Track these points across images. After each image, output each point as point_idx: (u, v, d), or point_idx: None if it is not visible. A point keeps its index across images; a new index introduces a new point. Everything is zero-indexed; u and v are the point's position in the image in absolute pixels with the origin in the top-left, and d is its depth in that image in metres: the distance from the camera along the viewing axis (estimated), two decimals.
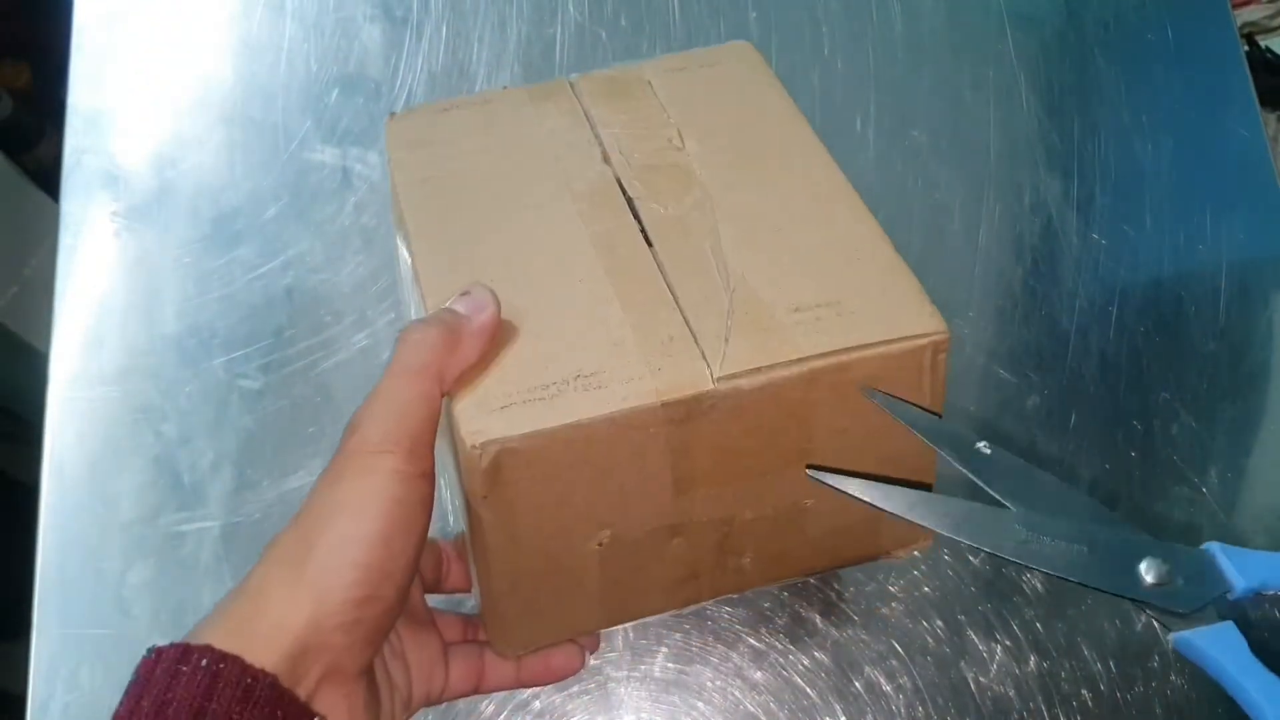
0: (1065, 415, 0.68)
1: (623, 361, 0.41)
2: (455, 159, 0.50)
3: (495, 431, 0.39)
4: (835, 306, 0.43)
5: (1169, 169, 0.76)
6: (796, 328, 0.42)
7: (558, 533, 0.43)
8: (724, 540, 0.46)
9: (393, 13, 0.81)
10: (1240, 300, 0.72)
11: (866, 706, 0.60)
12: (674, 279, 0.44)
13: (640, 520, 0.44)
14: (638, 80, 0.54)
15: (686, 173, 0.49)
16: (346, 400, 0.67)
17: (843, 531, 0.48)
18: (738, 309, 0.43)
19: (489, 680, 0.48)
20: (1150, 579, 0.39)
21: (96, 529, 0.63)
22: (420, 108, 0.54)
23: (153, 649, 0.36)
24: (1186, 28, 0.82)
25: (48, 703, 0.59)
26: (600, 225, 0.47)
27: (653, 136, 0.51)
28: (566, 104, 0.53)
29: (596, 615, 0.48)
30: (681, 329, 0.42)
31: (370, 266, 0.71)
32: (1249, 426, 0.69)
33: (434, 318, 0.42)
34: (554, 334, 0.42)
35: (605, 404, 0.40)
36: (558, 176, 0.49)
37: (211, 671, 0.35)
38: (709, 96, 0.53)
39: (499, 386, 0.40)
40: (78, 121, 0.76)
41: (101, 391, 0.67)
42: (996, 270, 0.73)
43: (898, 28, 0.81)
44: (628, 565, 0.45)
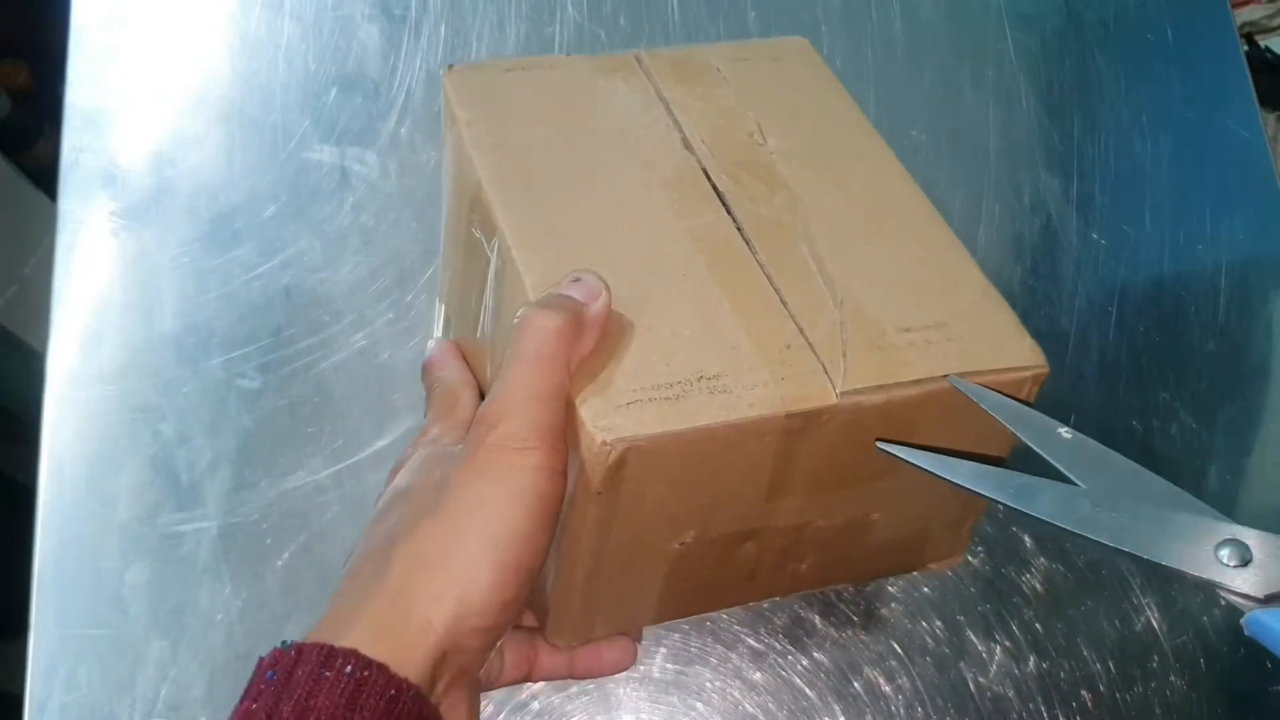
0: (1065, 415, 0.67)
1: (744, 366, 0.40)
2: (528, 124, 0.49)
3: (625, 429, 0.38)
4: (943, 330, 0.43)
5: (1169, 168, 0.76)
6: (910, 349, 0.42)
7: (650, 531, 0.43)
8: (791, 546, 0.46)
9: (391, 11, 0.81)
10: (1240, 300, 0.72)
11: (865, 707, 0.59)
12: (780, 283, 0.44)
13: (726, 523, 0.44)
14: (705, 64, 0.53)
15: (771, 172, 0.48)
16: (345, 400, 0.67)
17: (895, 544, 0.48)
18: (848, 322, 0.43)
19: (541, 669, 0.47)
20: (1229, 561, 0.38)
21: (94, 528, 0.63)
22: (480, 64, 0.52)
23: (290, 645, 0.35)
24: (1186, 27, 0.82)
25: (46, 702, 0.59)
26: (695, 219, 0.46)
27: (733, 128, 0.50)
28: (637, 81, 0.51)
29: (654, 611, 0.48)
30: (797, 338, 0.42)
31: (369, 266, 0.71)
32: (1248, 426, 0.69)
33: (555, 303, 0.40)
34: (667, 331, 0.41)
35: (733, 410, 0.39)
36: (638, 157, 0.48)
37: (357, 679, 0.34)
38: (779, 92, 0.52)
39: (621, 381, 0.39)
40: (76, 121, 0.76)
41: (99, 391, 0.67)
42: (996, 269, 0.73)
43: (897, 27, 0.81)
44: (699, 565, 0.45)
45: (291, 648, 0.35)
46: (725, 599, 0.50)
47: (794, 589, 0.51)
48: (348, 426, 0.66)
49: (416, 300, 0.70)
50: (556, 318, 0.39)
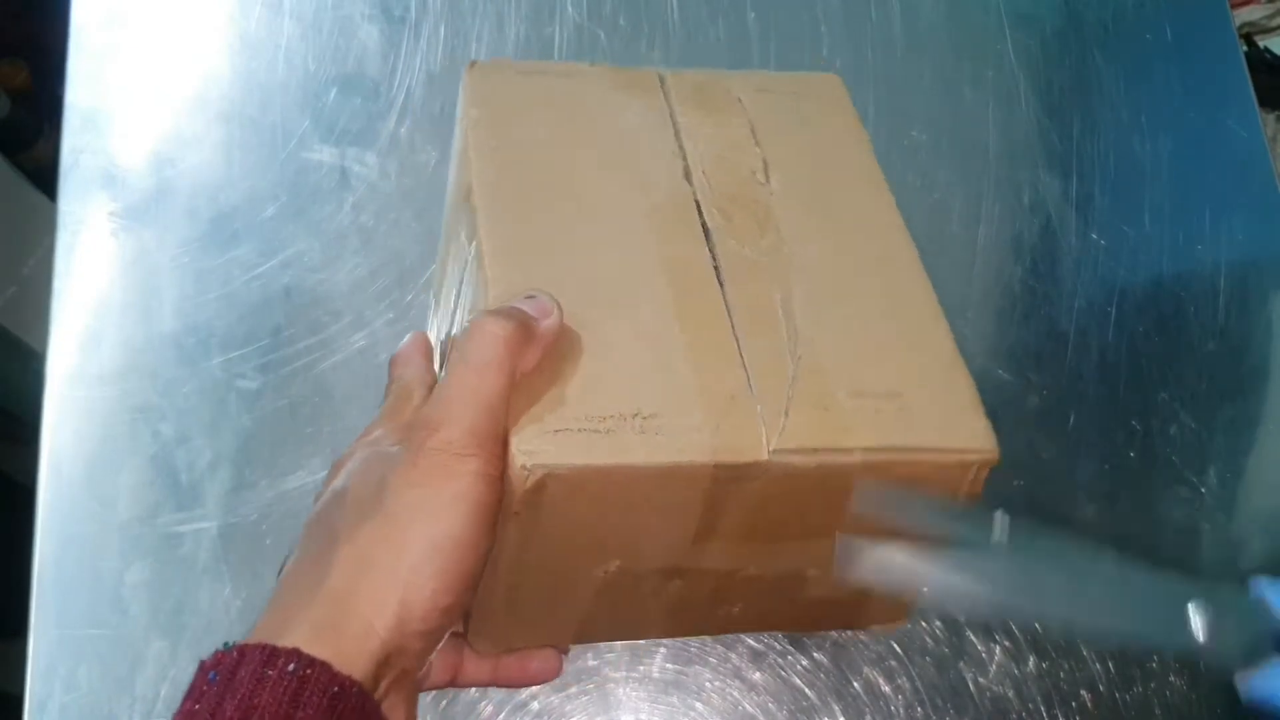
0: (1064, 415, 0.68)
1: (682, 410, 0.40)
2: (533, 132, 0.49)
3: (547, 457, 0.38)
4: (896, 399, 0.42)
5: (1168, 169, 0.76)
6: (856, 414, 0.41)
7: (570, 556, 0.43)
8: (720, 588, 0.46)
9: (391, 12, 0.81)
10: (1239, 300, 0.72)
11: (865, 707, 0.59)
12: (741, 330, 0.43)
13: (652, 558, 0.43)
14: (726, 94, 0.52)
15: (766, 212, 0.48)
16: (345, 400, 0.67)
17: (834, 603, 0.48)
18: (801, 378, 0.42)
19: (465, 674, 0.47)
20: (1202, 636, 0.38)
21: (94, 529, 0.63)
22: (502, 63, 0.52)
23: (232, 645, 0.35)
24: (1186, 28, 0.82)
25: (45, 702, 0.59)
26: (674, 250, 0.45)
27: (738, 162, 0.49)
28: (654, 101, 0.51)
29: (577, 629, 0.48)
30: (744, 388, 0.41)
31: (369, 266, 0.71)
32: (1248, 426, 0.69)
33: (507, 312, 0.40)
34: (616, 362, 0.41)
35: (660, 452, 0.39)
36: (635, 179, 0.48)
37: (299, 677, 0.34)
38: (796, 130, 0.52)
39: (557, 408, 0.39)
40: (76, 121, 0.76)
41: (99, 391, 0.67)
42: (996, 270, 0.73)
43: (897, 27, 0.81)
44: (624, 595, 0.45)
45: (233, 649, 0.35)
46: (652, 630, 0.50)
47: (725, 630, 0.50)
48: (347, 427, 0.66)
49: (416, 300, 0.70)
50: (505, 326, 0.39)
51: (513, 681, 0.48)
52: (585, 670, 0.60)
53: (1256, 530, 0.66)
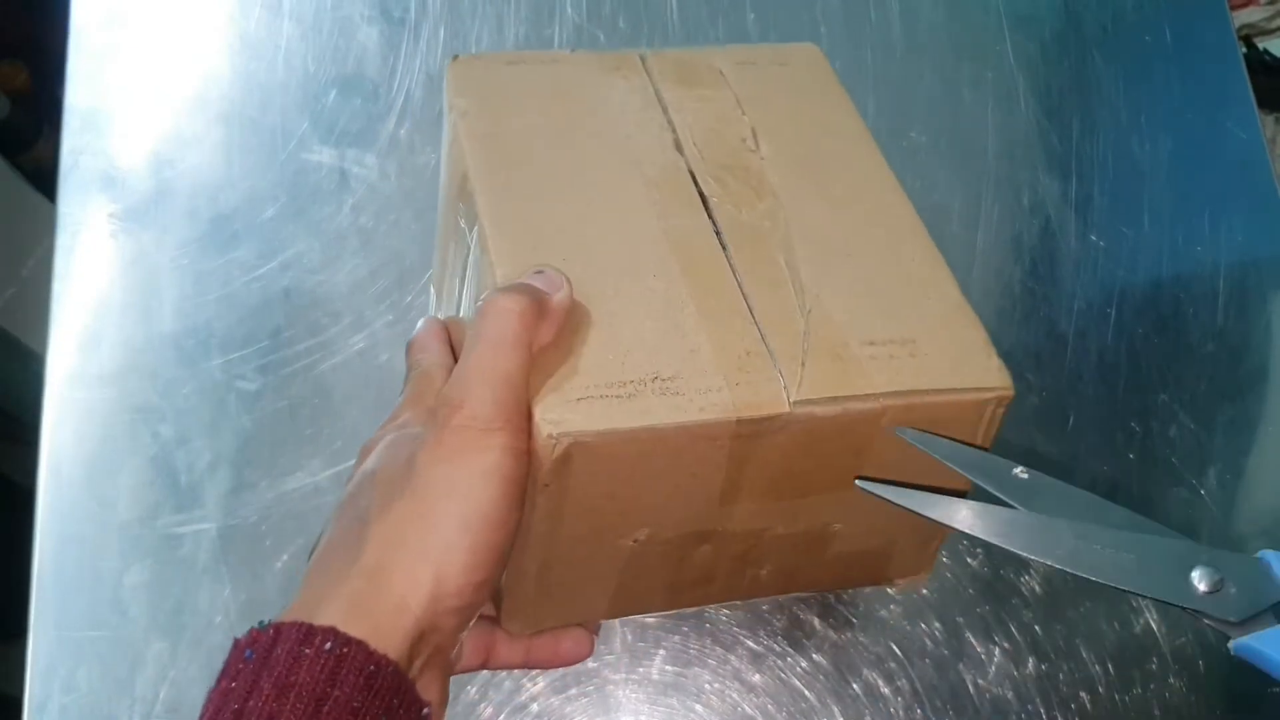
0: (1064, 416, 0.68)
1: (700, 370, 0.41)
2: (522, 117, 0.49)
3: (572, 424, 0.39)
4: (908, 345, 0.43)
5: (1167, 170, 0.76)
6: (871, 362, 0.42)
7: (601, 526, 0.43)
8: (748, 551, 0.46)
9: (390, 13, 0.81)
10: (1238, 302, 0.72)
11: (865, 709, 0.60)
12: (749, 290, 0.44)
13: (679, 523, 0.44)
14: (709, 67, 0.53)
15: (760, 178, 0.48)
16: (344, 401, 0.67)
17: (859, 556, 0.48)
18: (813, 332, 0.43)
19: (498, 657, 0.47)
20: (1203, 587, 0.39)
21: (94, 530, 0.63)
22: (484, 56, 0.53)
23: (268, 624, 0.35)
24: (1185, 29, 0.82)
25: (45, 704, 0.59)
26: (674, 221, 0.46)
27: (727, 133, 0.50)
28: (637, 80, 0.52)
29: (609, 604, 0.48)
30: (758, 345, 0.42)
31: (368, 267, 0.71)
32: (1247, 428, 0.69)
33: (519, 288, 0.40)
34: (629, 330, 0.42)
35: (682, 412, 0.39)
36: (627, 155, 0.48)
37: (337, 655, 0.34)
38: (781, 98, 0.52)
39: (576, 377, 0.40)
40: (75, 122, 0.76)
41: (99, 392, 0.67)
42: (995, 271, 0.73)
43: (896, 28, 0.81)
44: (653, 563, 0.45)
45: (269, 627, 0.35)
46: (682, 599, 0.50)
47: (753, 594, 0.50)
48: (347, 428, 0.66)
49: (416, 302, 0.70)
50: (519, 301, 0.39)
51: (546, 662, 0.48)
52: (585, 672, 0.60)
53: (1256, 531, 0.66)
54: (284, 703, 0.33)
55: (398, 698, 0.35)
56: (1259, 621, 0.38)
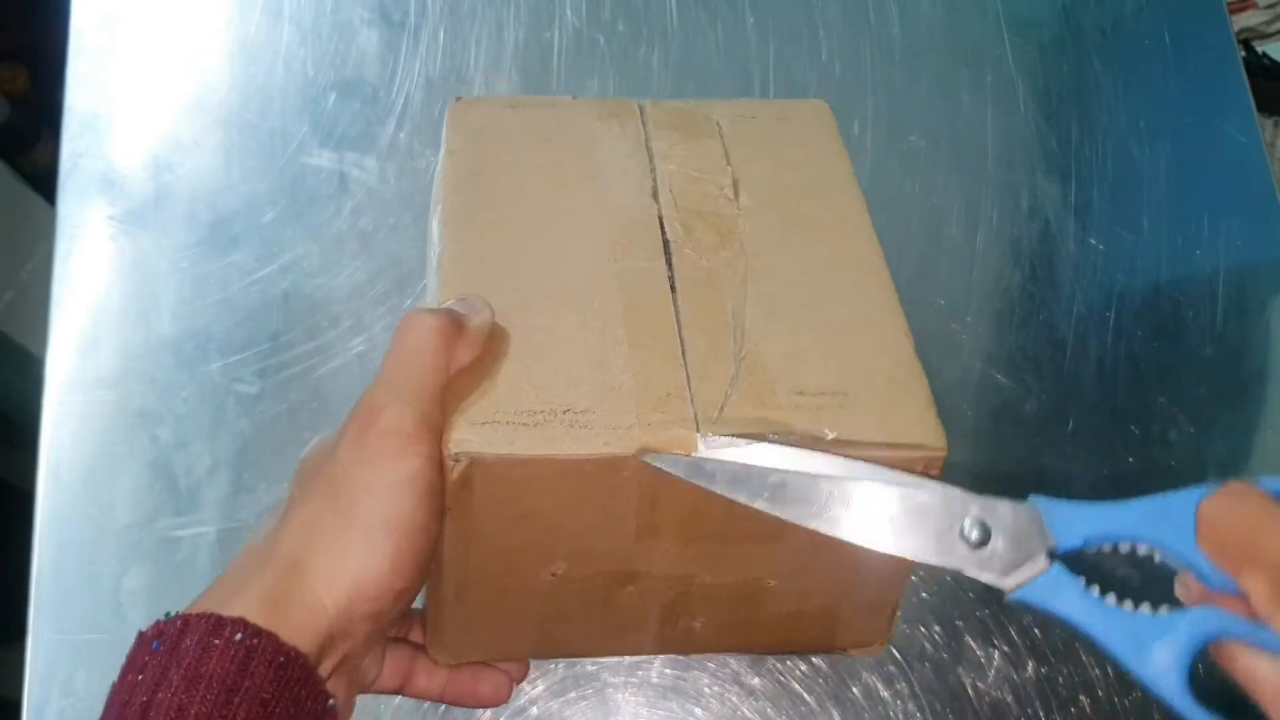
0: (1063, 420, 0.68)
1: (615, 407, 0.41)
2: (508, 158, 0.50)
3: (472, 445, 0.39)
4: (839, 397, 0.42)
5: (1166, 174, 0.76)
6: (794, 411, 0.41)
7: (513, 555, 0.43)
8: (678, 599, 0.46)
9: (390, 17, 0.81)
10: (1238, 305, 0.72)
11: (864, 712, 0.59)
12: (688, 334, 0.44)
13: (597, 559, 0.44)
14: (706, 120, 0.53)
15: (729, 225, 0.48)
16: (343, 405, 0.66)
17: (800, 618, 0.48)
18: (742, 379, 0.42)
19: (415, 685, 0.47)
20: (973, 538, 0.38)
21: (92, 533, 0.63)
22: (489, 99, 0.54)
23: (175, 615, 0.35)
24: (1184, 33, 0.82)
25: (44, 708, 0.59)
26: (630, 262, 0.46)
27: (706, 182, 0.50)
28: (631, 128, 0.52)
29: (535, 642, 0.48)
30: (681, 388, 0.42)
31: (367, 271, 0.71)
32: (1246, 431, 0.69)
33: (435, 309, 0.41)
34: (555, 363, 0.42)
35: (584, 444, 0.40)
36: (603, 199, 0.48)
37: (247, 646, 0.34)
38: (773, 152, 0.52)
39: (486, 401, 0.40)
40: (74, 125, 0.76)
41: (97, 395, 0.67)
42: (994, 275, 0.73)
43: (895, 32, 0.81)
44: (577, 601, 0.45)
45: (176, 618, 0.35)
46: (614, 646, 0.50)
47: (690, 649, 0.50)
48: None
49: (415, 305, 0.70)
50: (436, 316, 0.40)
51: (461, 699, 0.48)
52: (584, 675, 0.60)
53: None
54: (194, 693, 0.33)
55: (306, 689, 0.35)
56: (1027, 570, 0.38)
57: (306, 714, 0.35)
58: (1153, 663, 0.36)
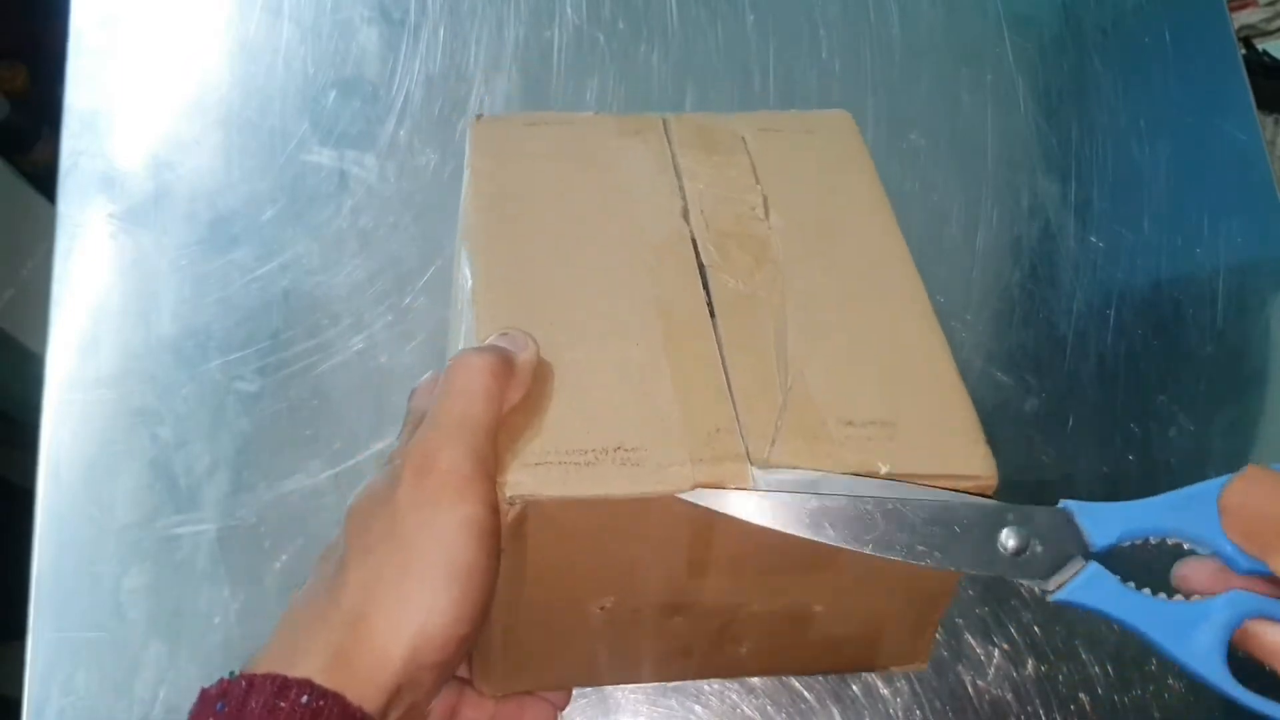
0: (1063, 418, 0.68)
1: (665, 443, 0.40)
2: (534, 181, 0.49)
3: (527, 488, 0.38)
4: (888, 428, 0.42)
5: (1166, 172, 0.76)
6: (845, 444, 0.41)
7: (564, 591, 0.43)
8: (725, 627, 0.46)
9: (390, 15, 0.81)
10: (1237, 303, 0.72)
11: (864, 710, 0.59)
12: (731, 361, 0.43)
13: (647, 593, 0.43)
14: (731, 134, 0.52)
15: (764, 246, 0.47)
16: (343, 403, 0.67)
17: (845, 640, 0.48)
18: (790, 409, 0.42)
19: (462, 718, 0.46)
20: (1010, 547, 0.39)
21: (92, 532, 0.63)
22: (507, 117, 0.53)
23: (239, 675, 0.34)
24: (1184, 31, 0.82)
25: (44, 706, 0.59)
26: (666, 287, 0.45)
27: (737, 201, 0.49)
28: (656, 144, 0.51)
29: (583, 672, 0.48)
30: (730, 422, 0.41)
31: (367, 269, 0.71)
32: (1246, 429, 0.69)
33: (487, 347, 0.41)
34: (600, 397, 0.41)
35: (639, 484, 0.39)
36: (633, 221, 0.48)
37: (312, 709, 0.33)
38: (800, 167, 0.51)
39: (537, 442, 0.40)
40: (74, 124, 0.76)
41: (98, 394, 0.67)
42: (994, 273, 0.73)
43: (895, 31, 0.81)
44: (625, 633, 0.45)
45: (240, 678, 0.34)
46: (662, 672, 0.50)
47: (736, 673, 0.50)
48: (346, 429, 0.66)
49: (415, 303, 0.70)
50: (487, 357, 0.39)
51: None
52: None
53: None
54: None
55: None
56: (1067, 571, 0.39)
57: None
58: (1194, 647, 0.37)
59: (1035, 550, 0.39)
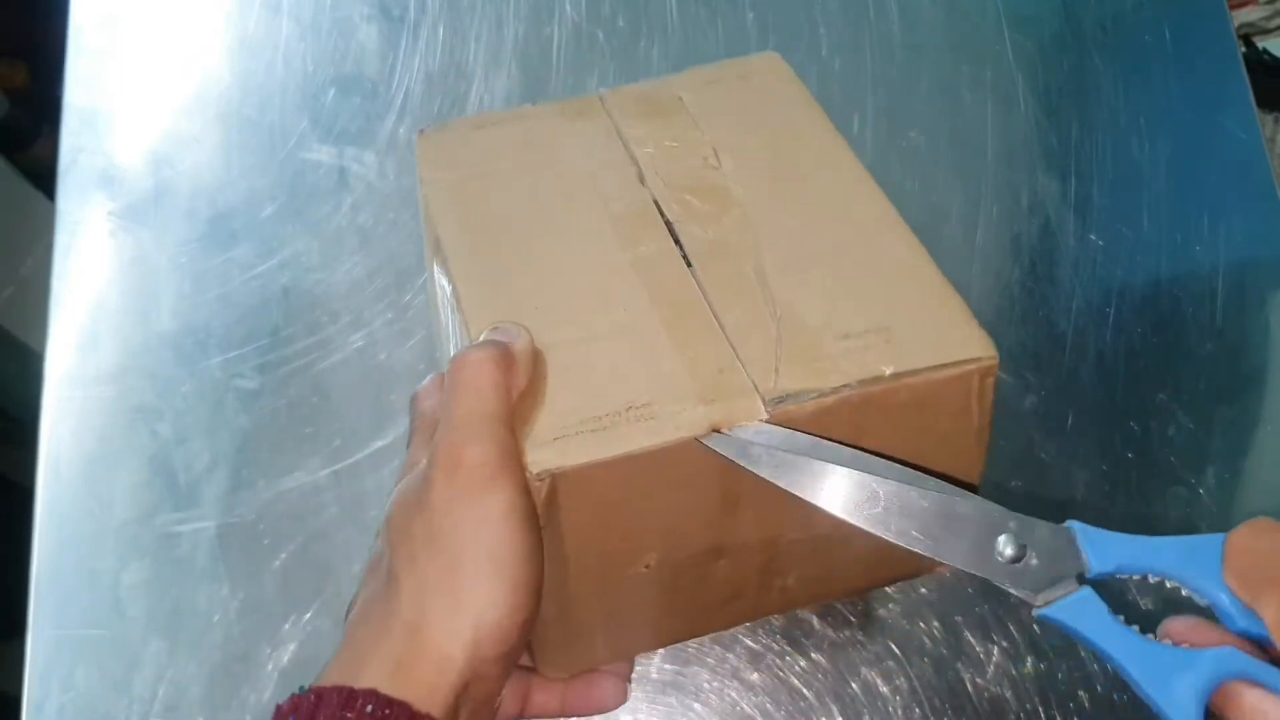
0: (1062, 416, 0.68)
1: (674, 393, 0.41)
2: (490, 179, 0.50)
3: (550, 462, 0.39)
4: (884, 333, 0.43)
5: (1166, 170, 0.76)
6: (846, 356, 0.42)
7: (607, 557, 0.43)
8: (769, 562, 0.46)
9: (390, 12, 0.81)
10: (1237, 301, 0.72)
11: (863, 708, 0.60)
12: (718, 305, 0.44)
13: (686, 542, 0.44)
14: (669, 96, 0.53)
15: (724, 192, 0.48)
16: (343, 400, 0.67)
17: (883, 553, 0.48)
18: (785, 337, 0.43)
19: (534, 704, 0.47)
20: (1007, 554, 0.39)
21: (92, 529, 0.63)
22: (451, 123, 0.54)
23: (308, 689, 0.35)
24: (1184, 29, 0.82)
25: (43, 703, 0.59)
26: (640, 249, 0.46)
27: (688, 155, 0.50)
28: (600, 121, 0.52)
29: (641, 638, 0.49)
30: (731, 359, 0.42)
31: (367, 266, 0.71)
32: (1246, 427, 0.69)
33: (485, 341, 0.41)
34: (603, 365, 0.42)
35: (658, 434, 0.40)
36: (594, 198, 0.49)
37: (378, 718, 0.34)
38: (742, 111, 0.53)
39: (551, 419, 0.40)
40: (74, 121, 0.76)
41: (97, 391, 0.67)
42: (994, 271, 0.73)
43: (895, 28, 0.81)
44: (674, 587, 0.45)
45: (309, 693, 0.35)
46: (717, 620, 0.50)
47: (789, 606, 0.51)
48: (345, 427, 0.66)
49: (414, 300, 0.70)
50: (488, 349, 0.40)
51: (582, 710, 0.48)
52: None
53: None
54: None
55: None
56: (1058, 589, 0.39)
57: None
58: (1173, 694, 0.37)
59: (1031, 562, 0.39)
